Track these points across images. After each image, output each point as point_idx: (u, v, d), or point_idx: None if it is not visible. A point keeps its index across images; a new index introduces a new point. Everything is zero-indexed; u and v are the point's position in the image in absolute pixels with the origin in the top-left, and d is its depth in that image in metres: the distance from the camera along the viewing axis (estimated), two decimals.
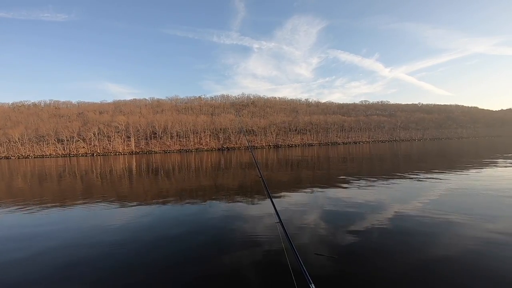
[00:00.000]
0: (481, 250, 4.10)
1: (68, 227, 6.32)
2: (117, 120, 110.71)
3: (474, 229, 4.99)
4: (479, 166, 14.58)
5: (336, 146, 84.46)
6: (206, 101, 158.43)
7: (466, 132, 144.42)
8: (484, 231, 4.87)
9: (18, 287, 3.60)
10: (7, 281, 3.76)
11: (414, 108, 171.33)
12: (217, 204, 8.12)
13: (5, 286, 3.63)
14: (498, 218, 5.60)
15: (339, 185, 10.49)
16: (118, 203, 8.81)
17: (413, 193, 8.64)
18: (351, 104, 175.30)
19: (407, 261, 3.85)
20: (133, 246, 4.88)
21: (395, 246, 4.41)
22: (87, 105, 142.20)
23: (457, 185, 9.54)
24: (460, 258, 3.86)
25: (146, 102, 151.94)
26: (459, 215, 5.85)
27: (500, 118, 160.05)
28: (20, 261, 4.44)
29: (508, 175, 11.14)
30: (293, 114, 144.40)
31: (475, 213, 5.97)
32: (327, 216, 6.31)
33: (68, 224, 6.61)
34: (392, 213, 6.27)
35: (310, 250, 4.32)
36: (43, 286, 3.60)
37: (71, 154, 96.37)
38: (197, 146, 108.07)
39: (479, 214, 5.92)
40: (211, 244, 4.85)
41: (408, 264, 3.76)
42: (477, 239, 4.50)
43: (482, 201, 7.13)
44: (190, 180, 14.85)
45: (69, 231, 6.02)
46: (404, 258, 3.94)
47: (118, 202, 9.07)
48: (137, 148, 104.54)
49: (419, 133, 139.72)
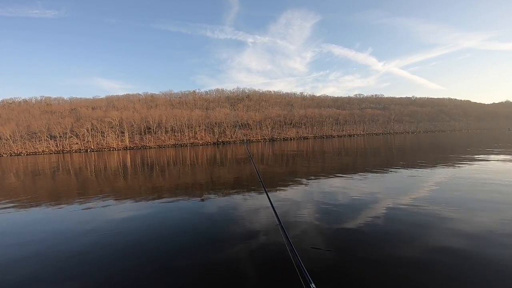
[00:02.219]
0: (475, 240, 4.16)
1: (56, 222, 6.25)
2: (110, 115, 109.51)
3: (468, 221, 5.07)
4: (471, 158, 14.81)
5: (331, 139, 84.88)
6: (200, 96, 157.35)
7: (459, 125, 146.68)
8: (477, 222, 4.95)
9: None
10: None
11: (407, 101, 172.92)
12: (214, 199, 8.10)
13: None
14: (492, 210, 5.69)
15: (334, 178, 10.54)
16: (113, 199, 8.73)
17: (407, 185, 8.72)
18: (345, 98, 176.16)
19: (404, 251, 3.89)
20: (124, 245, 4.84)
21: (390, 237, 4.44)
22: (79, 101, 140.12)
23: (451, 177, 9.65)
24: (456, 249, 3.91)
25: (140, 97, 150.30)
26: (453, 207, 5.93)
27: (492, 111, 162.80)
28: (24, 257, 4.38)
29: (496, 168, 11.32)
30: (288, 108, 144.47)
31: (469, 206, 6.06)
32: (322, 209, 6.33)
33: (55, 219, 6.53)
34: (387, 206, 6.32)
35: (306, 243, 4.33)
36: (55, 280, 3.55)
37: (64, 151, 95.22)
38: (192, 140, 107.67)
39: (472, 206, 6.01)
40: (208, 239, 4.83)
41: (405, 254, 3.79)
42: (472, 230, 4.57)
43: (476, 193, 7.23)
44: (185, 175, 14.78)
45: (58, 227, 5.95)
46: (400, 249, 3.97)
47: (113, 198, 8.98)
48: (131, 144, 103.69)
49: (413, 126, 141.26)
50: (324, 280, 3.25)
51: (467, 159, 14.12)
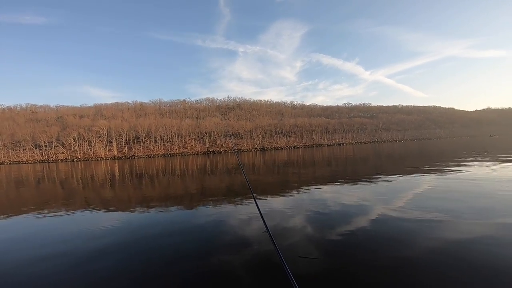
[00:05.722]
0: (464, 244, 4.28)
1: (42, 233, 6.05)
2: (98, 124, 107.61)
3: (456, 225, 5.21)
4: (458, 165, 15.25)
5: (321, 148, 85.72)
6: (191, 105, 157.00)
7: (444, 132, 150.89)
8: (466, 224, 5.09)
9: None
10: None
11: (394, 109, 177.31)
12: (204, 209, 8.03)
13: None
14: (479, 213, 5.87)
15: (324, 187, 10.64)
16: (101, 210, 8.52)
17: (396, 192, 8.88)
18: (334, 107, 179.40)
19: (391, 259, 3.96)
20: (116, 255, 4.73)
21: (378, 244, 4.52)
22: (66, 109, 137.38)
23: (438, 184, 9.91)
24: (443, 252, 4.02)
25: (129, 106, 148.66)
26: (441, 213, 6.08)
27: (475, 118, 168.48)
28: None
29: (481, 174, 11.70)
30: (278, 117, 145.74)
31: (458, 211, 6.23)
32: (312, 217, 6.38)
33: (41, 230, 6.32)
34: (376, 213, 6.43)
35: (295, 252, 4.35)
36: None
37: (49, 160, 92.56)
38: (182, 150, 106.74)
39: (461, 211, 6.19)
40: (198, 248, 4.78)
41: (392, 261, 3.86)
42: (459, 235, 4.69)
43: (464, 199, 7.44)
44: (175, 184, 14.61)
45: (46, 238, 5.76)
46: (387, 256, 4.05)
47: (101, 208, 8.77)
48: (119, 153, 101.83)
49: (400, 134, 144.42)
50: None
51: (453, 166, 14.52)
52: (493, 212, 6.01)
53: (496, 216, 5.70)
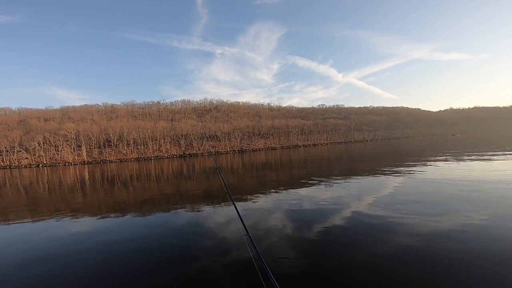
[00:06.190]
0: (432, 237, 4.56)
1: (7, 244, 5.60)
2: (65, 127, 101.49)
3: (422, 222, 5.54)
4: (423, 163, 16.23)
5: (297, 149, 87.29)
6: (165, 107, 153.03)
7: (411, 132, 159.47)
8: (432, 221, 5.43)
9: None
10: None
11: (365, 111, 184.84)
12: (182, 213, 7.85)
13: None
14: (443, 213, 6.28)
15: (301, 187, 10.87)
16: (70, 217, 8.03)
17: (368, 190, 9.29)
18: (309, 108, 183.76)
19: (366, 255, 4.13)
20: (88, 264, 4.49)
21: (355, 242, 4.70)
22: (29, 112, 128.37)
23: (407, 181, 10.49)
24: (414, 249, 4.26)
25: (99, 108, 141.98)
26: (408, 211, 6.44)
27: (439, 118, 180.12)
28: None
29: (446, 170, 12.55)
30: (256, 119, 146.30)
31: (424, 208, 6.63)
32: (290, 218, 6.48)
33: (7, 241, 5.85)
34: (351, 211, 6.68)
35: (275, 253, 4.40)
36: None
37: (12, 166, 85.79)
38: (157, 153, 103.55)
39: (427, 208, 6.59)
40: (177, 254, 4.67)
41: (370, 258, 4.04)
42: (426, 230, 4.99)
43: (429, 195, 7.93)
44: (151, 189, 14.15)
45: (10, 250, 5.33)
46: (362, 252, 4.22)
47: (70, 216, 8.26)
48: (89, 158, 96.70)
49: (371, 134, 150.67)
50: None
51: (419, 164, 15.44)
52: (449, 208, 6.47)
53: (453, 211, 6.14)
